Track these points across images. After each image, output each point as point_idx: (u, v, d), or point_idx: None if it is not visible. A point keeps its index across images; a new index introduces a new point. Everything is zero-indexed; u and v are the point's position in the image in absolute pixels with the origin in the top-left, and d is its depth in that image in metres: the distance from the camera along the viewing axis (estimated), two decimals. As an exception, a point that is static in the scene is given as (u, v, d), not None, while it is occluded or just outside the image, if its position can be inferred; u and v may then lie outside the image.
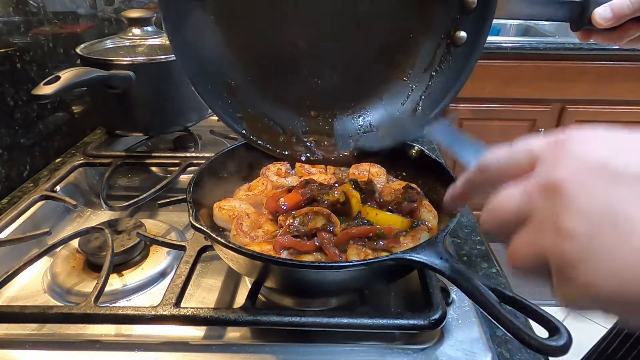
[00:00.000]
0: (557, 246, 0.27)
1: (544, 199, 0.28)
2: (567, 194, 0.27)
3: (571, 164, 0.28)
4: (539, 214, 0.29)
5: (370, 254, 0.58)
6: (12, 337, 0.57)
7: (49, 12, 1.05)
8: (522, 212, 0.30)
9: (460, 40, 0.59)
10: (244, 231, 0.64)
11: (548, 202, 0.28)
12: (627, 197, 0.25)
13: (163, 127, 1.04)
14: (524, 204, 0.30)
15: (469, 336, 0.55)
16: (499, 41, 2.20)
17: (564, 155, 0.28)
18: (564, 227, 0.26)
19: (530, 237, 0.29)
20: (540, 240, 0.28)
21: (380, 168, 0.80)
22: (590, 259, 0.26)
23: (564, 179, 0.27)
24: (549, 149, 0.30)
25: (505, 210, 0.31)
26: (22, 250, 0.71)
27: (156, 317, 0.54)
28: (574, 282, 0.27)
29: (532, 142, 0.31)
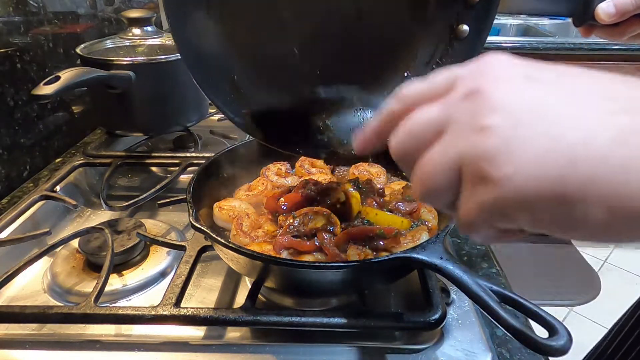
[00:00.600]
0: (475, 144, 0.26)
1: (463, 104, 0.28)
2: (487, 94, 0.27)
3: (490, 75, 0.28)
4: (457, 119, 0.28)
5: (370, 254, 0.58)
6: (12, 337, 0.57)
7: (49, 12, 1.05)
8: (438, 124, 0.29)
9: (462, 34, 0.58)
10: (244, 231, 0.64)
11: (467, 105, 0.27)
12: (545, 93, 0.26)
13: (163, 127, 1.04)
14: (440, 115, 0.29)
15: (469, 336, 0.55)
16: (499, 41, 2.21)
17: (483, 71, 0.28)
18: (484, 124, 0.26)
19: (444, 145, 0.28)
20: (455, 145, 0.27)
21: (380, 168, 0.80)
22: (509, 150, 0.25)
23: (483, 84, 0.27)
24: (468, 68, 0.29)
25: (419, 125, 0.30)
26: (22, 250, 0.71)
27: (156, 317, 0.54)
28: (489, 180, 0.25)
29: (451, 69, 0.31)
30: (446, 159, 0.27)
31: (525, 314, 0.44)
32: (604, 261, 2.59)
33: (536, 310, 0.43)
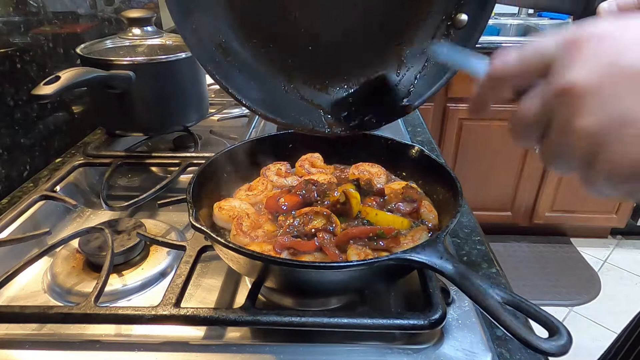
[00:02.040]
0: (578, 144, 0.30)
1: (558, 102, 0.30)
2: (579, 95, 0.29)
3: (583, 67, 0.29)
4: (557, 118, 0.31)
5: (370, 254, 0.58)
6: (12, 337, 0.57)
7: (49, 12, 1.05)
8: (542, 117, 0.32)
9: (460, 23, 0.59)
10: (244, 231, 0.64)
11: (563, 105, 0.30)
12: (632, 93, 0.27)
13: (163, 127, 1.04)
14: (541, 111, 0.32)
15: (469, 336, 0.55)
16: (499, 41, 2.21)
17: (575, 57, 0.29)
18: (580, 127, 0.29)
19: (553, 138, 0.32)
20: (561, 141, 0.31)
21: (380, 168, 0.80)
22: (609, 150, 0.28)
23: (575, 81, 0.29)
24: (560, 52, 0.31)
25: (526, 120, 0.33)
26: (22, 250, 0.71)
27: (156, 317, 0.54)
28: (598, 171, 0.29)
29: (543, 44, 0.32)
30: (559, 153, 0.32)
31: (525, 314, 0.44)
32: (604, 261, 2.59)
33: (536, 310, 0.44)
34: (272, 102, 0.61)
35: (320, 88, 0.65)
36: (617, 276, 2.48)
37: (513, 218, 2.63)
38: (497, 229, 2.71)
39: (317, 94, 0.64)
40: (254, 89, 0.61)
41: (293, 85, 0.64)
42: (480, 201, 2.54)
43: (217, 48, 0.58)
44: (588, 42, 0.29)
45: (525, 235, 2.74)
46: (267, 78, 0.62)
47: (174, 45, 1.02)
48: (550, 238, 2.74)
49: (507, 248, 2.68)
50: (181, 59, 0.96)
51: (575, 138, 0.30)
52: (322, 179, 0.75)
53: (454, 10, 0.59)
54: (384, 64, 0.64)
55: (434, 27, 0.61)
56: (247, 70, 0.60)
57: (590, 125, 0.29)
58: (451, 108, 2.34)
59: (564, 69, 0.30)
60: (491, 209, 2.59)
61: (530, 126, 0.33)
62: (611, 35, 0.29)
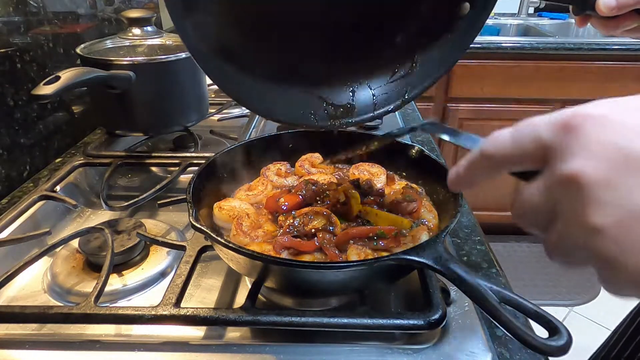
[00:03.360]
0: (589, 242, 0.26)
1: (564, 195, 0.27)
2: (587, 187, 0.26)
3: (586, 154, 0.26)
4: (563, 211, 0.28)
5: (370, 254, 0.58)
6: (12, 337, 0.57)
7: (49, 12, 1.05)
8: (546, 209, 0.29)
9: (463, 11, 0.58)
10: (244, 231, 0.64)
11: (569, 198, 0.27)
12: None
13: (163, 127, 1.04)
14: (545, 202, 0.29)
15: (469, 336, 0.55)
16: (499, 41, 2.20)
17: (576, 144, 0.27)
18: (590, 223, 0.26)
19: (560, 234, 0.29)
20: (571, 237, 0.28)
21: (380, 168, 0.80)
22: (629, 251, 0.25)
23: (581, 171, 0.26)
24: (559, 137, 0.28)
25: (529, 212, 0.31)
26: (22, 250, 0.71)
27: (156, 317, 0.54)
28: (619, 273, 0.26)
29: (538, 128, 0.30)
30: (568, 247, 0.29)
31: (525, 314, 0.44)
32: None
33: (536, 310, 0.44)
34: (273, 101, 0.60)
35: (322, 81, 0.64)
36: (617, 276, 2.47)
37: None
38: (497, 229, 2.71)
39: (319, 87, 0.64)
40: (254, 89, 0.60)
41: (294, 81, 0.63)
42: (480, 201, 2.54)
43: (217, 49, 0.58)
44: (587, 126, 0.27)
45: (525, 235, 2.73)
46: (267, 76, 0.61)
47: (174, 45, 1.02)
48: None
49: (507, 248, 2.68)
50: (181, 59, 0.96)
51: (588, 235, 0.26)
52: (322, 179, 0.75)
53: None
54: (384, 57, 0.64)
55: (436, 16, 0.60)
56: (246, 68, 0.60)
57: (603, 221, 0.25)
58: (451, 108, 2.34)
59: (566, 155, 0.27)
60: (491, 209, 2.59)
61: (535, 218, 0.31)
62: (612, 119, 0.27)
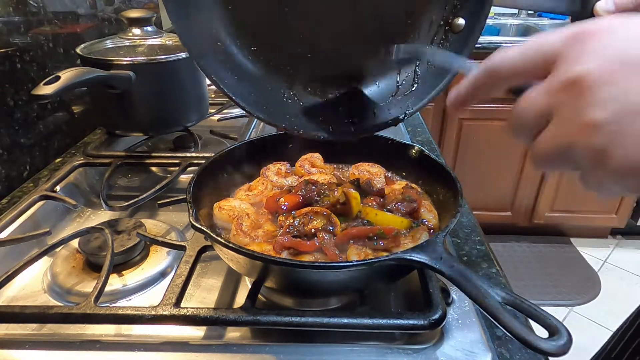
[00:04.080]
0: (585, 138, 0.28)
1: (567, 94, 0.29)
2: (590, 86, 0.28)
3: (591, 59, 0.28)
4: (563, 111, 0.29)
5: (370, 254, 0.58)
6: (12, 337, 0.57)
7: (49, 12, 1.05)
8: (545, 111, 0.31)
9: (458, 27, 0.59)
10: (244, 231, 0.64)
11: (571, 97, 0.29)
12: None
13: (163, 127, 1.04)
14: (546, 104, 0.31)
15: (469, 336, 0.55)
16: (499, 41, 2.21)
17: (582, 50, 0.29)
18: (590, 119, 0.28)
19: (555, 132, 0.30)
20: (566, 134, 0.30)
21: (380, 168, 0.80)
22: (620, 144, 0.27)
23: (586, 73, 0.28)
24: (568, 46, 0.30)
25: (528, 113, 0.32)
26: (22, 250, 0.71)
27: (156, 317, 0.54)
28: (607, 167, 0.28)
29: (546, 40, 0.31)
30: (558, 145, 0.30)
31: (525, 314, 0.44)
32: (604, 261, 2.59)
33: (536, 310, 0.44)
34: (271, 106, 0.60)
35: (319, 93, 0.64)
36: (617, 276, 2.48)
37: (513, 218, 2.63)
38: (497, 229, 2.71)
39: (316, 99, 0.64)
40: (252, 93, 0.60)
41: (292, 91, 0.63)
42: (480, 201, 2.54)
43: (216, 51, 0.58)
44: (594, 36, 0.29)
45: (525, 235, 2.74)
46: (266, 82, 0.61)
47: (174, 45, 1.02)
48: (550, 238, 2.74)
49: (507, 248, 2.68)
50: (181, 59, 0.96)
51: (586, 131, 0.28)
52: (322, 179, 0.75)
53: (451, 15, 0.59)
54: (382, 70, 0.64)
55: (432, 32, 0.61)
56: (245, 74, 0.60)
57: (603, 116, 0.27)
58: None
59: (571, 61, 0.29)
60: (491, 209, 2.59)
61: (531, 120, 0.32)
62: (615, 30, 0.29)
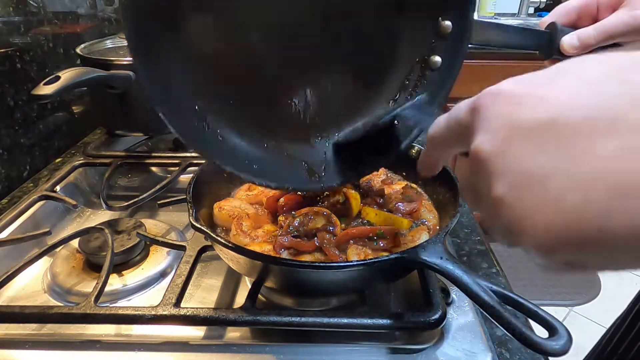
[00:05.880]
0: (496, 215, 0.28)
1: (474, 174, 0.29)
2: (486, 160, 0.27)
3: (484, 130, 0.28)
4: (477, 188, 0.29)
5: (370, 254, 0.58)
6: (12, 337, 0.57)
7: (49, 12, 1.05)
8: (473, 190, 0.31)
9: (435, 65, 0.59)
10: (244, 231, 0.64)
11: (477, 173, 0.29)
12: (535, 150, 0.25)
13: (163, 127, 1.02)
14: (467, 182, 0.32)
15: (469, 336, 0.55)
16: (499, 41, 2.20)
17: (479, 121, 0.29)
18: (493, 195, 0.27)
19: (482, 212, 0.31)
20: (485, 214, 0.30)
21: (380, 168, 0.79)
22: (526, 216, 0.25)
23: (480, 146, 0.28)
24: (469, 117, 0.30)
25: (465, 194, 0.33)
26: (22, 250, 0.72)
27: (156, 317, 0.54)
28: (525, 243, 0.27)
29: (459, 111, 0.32)
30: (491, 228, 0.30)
31: (525, 314, 0.44)
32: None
33: (536, 310, 0.43)
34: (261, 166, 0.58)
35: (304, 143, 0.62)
36: (617, 276, 2.47)
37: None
38: (497, 229, 2.71)
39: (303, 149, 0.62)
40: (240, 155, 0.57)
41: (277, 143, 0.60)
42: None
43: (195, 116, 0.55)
44: (486, 103, 0.28)
45: (525, 235, 2.73)
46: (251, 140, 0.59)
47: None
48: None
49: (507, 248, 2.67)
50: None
51: (495, 208, 0.27)
52: (322, 179, 0.75)
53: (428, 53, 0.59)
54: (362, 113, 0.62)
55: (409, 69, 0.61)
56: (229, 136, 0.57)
57: (502, 191, 0.26)
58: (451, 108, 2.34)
59: (473, 134, 0.29)
60: (491, 209, 2.59)
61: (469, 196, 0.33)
62: (508, 93, 0.28)
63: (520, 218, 0.26)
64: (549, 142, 0.25)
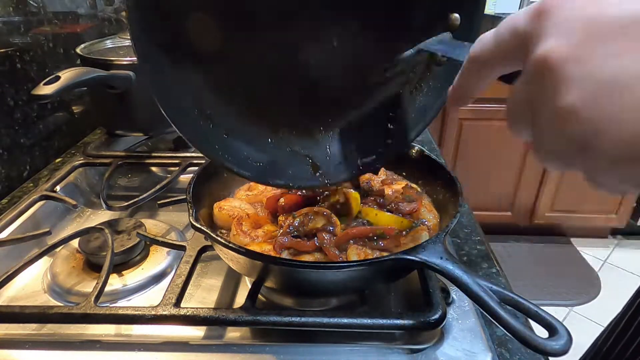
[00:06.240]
0: (561, 128, 0.25)
1: (537, 79, 0.26)
2: (557, 66, 0.25)
3: (556, 33, 0.25)
4: (537, 100, 0.27)
5: (370, 254, 0.58)
6: (12, 337, 0.57)
7: (49, 12, 1.05)
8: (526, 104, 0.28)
9: (442, 59, 0.58)
10: (244, 231, 0.64)
11: (541, 82, 0.26)
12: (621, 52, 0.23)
13: (163, 127, 1.04)
14: (525, 95, 0.28)
15: (469, 336, 0.55)
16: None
17: (546, 26, 0.26)
18: (562, 105, 0.24)
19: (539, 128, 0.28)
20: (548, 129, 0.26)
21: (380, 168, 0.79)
22: (601, 127, 0.23)
23: (550, 51, 0.25)
24: (533, 24, 0.27)
25: (514, 109, 0.30)
26: (22, 250, 0.72)
27: (156, 317, 0.54)
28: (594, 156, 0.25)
29: (514, 20, 0.29)
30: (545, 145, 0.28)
31: (525, 314, 0.44)
32: (604, 261, 2.59)
33: (536, 310, 0.44)
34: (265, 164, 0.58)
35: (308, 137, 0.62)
36: (617, 276, 2.48)
37: (513, 218, 2.63)
38: (497, 229, 2.71)
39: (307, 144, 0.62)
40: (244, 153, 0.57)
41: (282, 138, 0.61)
42: (481, 201, 2.54)
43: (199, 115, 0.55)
44: (556, 6, 0.26)
45: (525, 235, 2.74)
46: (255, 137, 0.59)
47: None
48: (550, 238, 2.74)
49: (507, 248, 2.68)
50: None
51: (561, 121, 0.25)
52: (322, 179, 0.75)
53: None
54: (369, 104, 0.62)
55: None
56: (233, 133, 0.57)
57: (574, 100, 0.24)
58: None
59: (537, 40, 0.26)
60: (491, 209, 2.59)
61: (518, 117, 0.30)
62: None
63: (594, 130, 0.24)
64: (635, 44, 0.23)
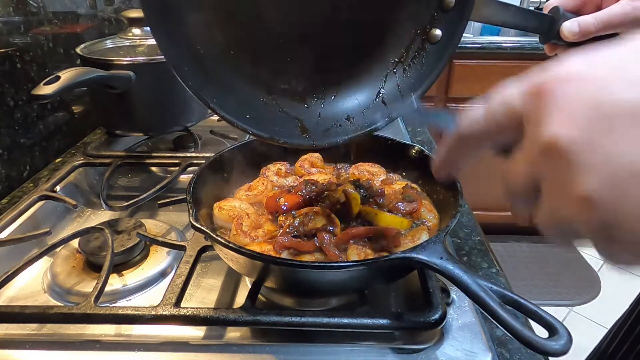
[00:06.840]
0: (582, 214, 0.24)
1: (545, 165, 0.25)
2: (568, 152, 0.23)
3: (562, 116, 0.24)
4: (549, 183, 0.26)
5: (370, 254, 0.58)
6: (12, 337, 0.57)
7: (49, 12, 1.05)
8: (531, 183, 0.27)
9: (435, 38, 0.59)
10: (244, 231, 0.64)
11: (551, 167, 0.25)
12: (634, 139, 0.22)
13: (163, 127, 1.04)
14: (529, 175, 0.27)
15: (469, 336, 0.55)
16: (499, 41, 2.21)
17: (551, 107, 0.25)
18: (580, 194, 0.23)
19: (549, 207, 0.27)
20: (561, 210, 0.25)
21: (380, 168, 0.80)
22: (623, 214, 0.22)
23: (559, 134, 0.24)
24: (532, 104, 0.26)
25: (515, 185, 0.29)
26: (22, 250, 0.71)
27: (156, 317, 0.54)
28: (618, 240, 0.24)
29: (506, 97, 0.28)
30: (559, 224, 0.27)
31: (525, 314, 0.44)
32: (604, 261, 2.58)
33: (536, 310, 0.44)
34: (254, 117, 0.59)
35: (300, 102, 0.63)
36: (617, 276, 2.47)
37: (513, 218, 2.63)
38: (497, 229, 2.71)
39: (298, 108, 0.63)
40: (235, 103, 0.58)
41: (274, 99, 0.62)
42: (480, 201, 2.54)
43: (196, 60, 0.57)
44: (557, 87, 0.25)
45: (525, 235, 2.74)
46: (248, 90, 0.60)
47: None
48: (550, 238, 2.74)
49: (507, 248, 2.68)
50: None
51: (579, 207, 0.24)
52: (322, 179, 0.75)
53: (429, 25, 0.59)
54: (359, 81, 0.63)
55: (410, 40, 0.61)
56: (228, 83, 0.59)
57: (592, 188, 0.23)
58: (451, 108, 2.34)
59: (540, 122, 0.25)
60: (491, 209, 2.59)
61: (520, 193, 0.28)
62: (584, 75, 0.24)
63: (614, 217, 0.23)
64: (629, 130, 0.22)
